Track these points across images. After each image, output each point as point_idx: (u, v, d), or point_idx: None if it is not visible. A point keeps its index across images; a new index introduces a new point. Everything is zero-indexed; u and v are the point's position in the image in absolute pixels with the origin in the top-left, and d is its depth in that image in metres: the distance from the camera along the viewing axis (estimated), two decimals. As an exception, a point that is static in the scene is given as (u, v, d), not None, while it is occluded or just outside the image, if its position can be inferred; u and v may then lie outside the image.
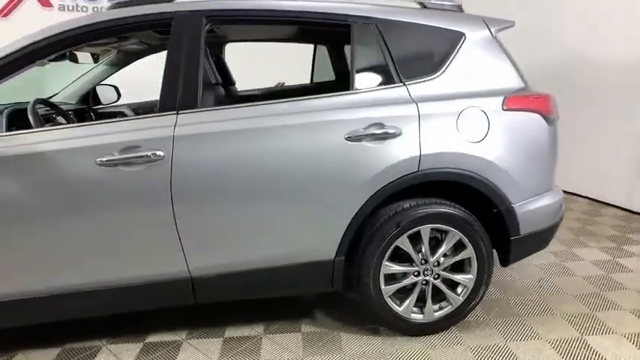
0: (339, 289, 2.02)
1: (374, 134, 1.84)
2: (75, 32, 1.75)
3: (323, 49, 3.15)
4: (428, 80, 1.97)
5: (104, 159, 1.67)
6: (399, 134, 1.87)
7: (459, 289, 2.09)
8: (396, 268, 2.01)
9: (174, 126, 1.74)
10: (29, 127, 1.96)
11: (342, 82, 2.57)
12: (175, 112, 1.76)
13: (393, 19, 2.00)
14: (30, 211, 1.68)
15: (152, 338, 2.16)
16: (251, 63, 3.69)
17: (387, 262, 1.98)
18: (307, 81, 3.41)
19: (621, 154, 3.70)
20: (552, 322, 2.21)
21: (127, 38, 2.47)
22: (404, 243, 1.98)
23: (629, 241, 3.18)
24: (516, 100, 2.01)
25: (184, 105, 1.77)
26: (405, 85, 1.94)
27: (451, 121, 1.92)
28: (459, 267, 2.08)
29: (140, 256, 1.80)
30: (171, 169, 1.72)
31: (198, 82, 1.80)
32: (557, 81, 3.89)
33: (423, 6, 2.16)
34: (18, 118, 2.03)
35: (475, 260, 2.04)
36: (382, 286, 2.01)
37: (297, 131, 1.81)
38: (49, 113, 2.31)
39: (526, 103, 2.02)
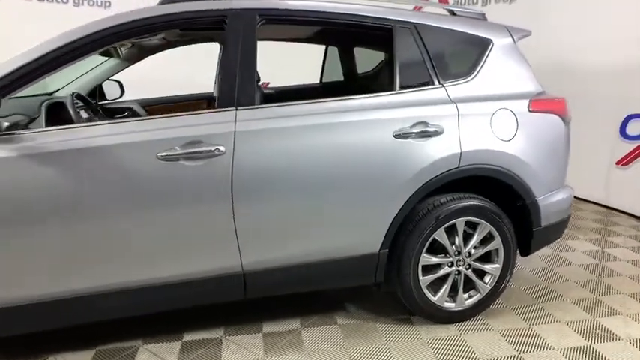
0: (380, 280, 2.10)
1: (419, 132, 1.95)
2: (127, 26, 1.73)
3: (334, 51, 3.24)
4: (463, 83, 2.11)
5: (165, 153, 1.66)
6: (440, 132, 1.99)
7: (487, 278, 2.23)
8: (433, 259, 2.12)
9: (235, 122, 1.76)
10: (65, 120, 1.90)
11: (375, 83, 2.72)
12: (234, 108, 1.78)
13: (430, 24, 2.12)
14: (84, 207, 1.63)
15: (189, 337, 2.14)
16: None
17: (425, 254, 2.10)
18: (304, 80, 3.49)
19: (599, 155, 4.05)
20: (565, 307, 2.41)
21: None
22: (441, 235, 2.10)
23: (611, 234, 3.49)
24: (540, 102, 2.19)
25: (243, 101, 1.79)
26: (443, 86, 2.07)
27: (486, 120, 2.07)
28: (487, 257, 2.23)
29: (196, 251, 1.80)
30: (232, 165, 1.73)
31: (255, 79, 1.83)
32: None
33: (452, 13, 2.30)
34: (52, 112, 1.95)
35: (502, 250, 2.20)
36: (420, 277, 2.11)
37: (349, 128, 1.89)
38: (81, 107, 2.23)
39: (548, 105, 2.21)
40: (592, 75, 3.97)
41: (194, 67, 3.93)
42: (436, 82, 2.06)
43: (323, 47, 3.33)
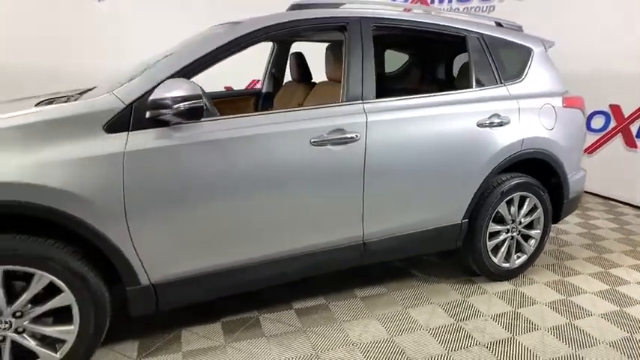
0: (459, 245, 2.53)
1: (494, 122, 2.40)
2: (278, 27, 1.97)
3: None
4: (517, 83, 2.59)
5: (317, 139, 1.94)
6: (507, 123, 2.45)
7: (531, 242, 2.75)
8: (497, 227, 2.59)
9: (365, 113, 2.07)
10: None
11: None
12: (361, 101, 2.10)
13: (491, 34, 2.58)
14: (250, 188, 1.85)
15: (297, 305, 2.40)
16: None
17: (491, 223, 2.56)
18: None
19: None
20: (581, 263, 3.01)
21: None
22: (503, 207, 2.57)
23: (587, 209, 4.24)
24: (570, 99, 2.75)
25: (367, 95, 2.11)
26: (505, 85, 2.54)
27: (536, 113, 2.57)
28: (530, 225, 2.74)
29: (334, 223, 2.09)
30: (365, 149, 2.05)
31: (374, 76, 2.15)
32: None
33: (499, 24, 2.78)
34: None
35: (542, 219, 2.73)
36: (487, 242, 2.57)
37: (446, 119, 2.28)
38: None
39: (575, 102, 2.78)
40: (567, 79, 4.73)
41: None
42: (500, 82, 2.53)
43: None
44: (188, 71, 1.78)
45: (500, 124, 2.42)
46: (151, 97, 1.62)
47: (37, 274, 1.57)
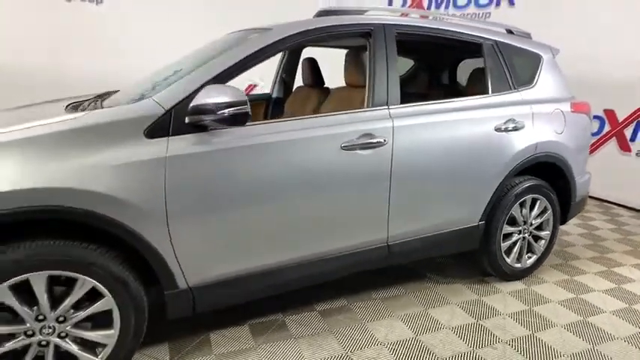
0: (476, 246, 2.60)
1: (510, 127, 2.48)
2: (308, 33, 2.02)
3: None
4: (529, 88, 2.68)
5: (346, 144, 1.98)
6: (522, 127, 2.54)
7: (541, 243, 2.84)
8: (510, 229, 2.67)
9: (391, 118, 2.12)
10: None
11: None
12: (387, 107, 2.15)
13: (505, 41, 2.67)
14: (284, 192, 1.89)
15: (320, 307, 2.44)
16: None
17: (505, 225, 2.64)
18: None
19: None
20: (586, 263, 3.12)
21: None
22: (516, 209, 2.65)
23: (588, 216, 4.36)
24: (577, 105, 2.86)
25: (392, 101, 2.17)
26: (518, 91, 2.63)
27: (547, 118, 2.67)
28: (539, 227, 2.83)
29: (361, 226, 2.14)
30: (392, 153, 2.10)
31: (398, 82, 2.21)
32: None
33: (510, 32, 2.88)
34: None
35: (552, 220, 2.83)
36: (501, 243, 2.65)
37: (466, 124, 2.35)
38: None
39: (582, 107, 2.89)
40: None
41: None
42: (513, 88, 2.61)
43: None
44: (223, 77, 1.81)
45: (516, 129, 2.51)
46: (193, 103, 1.65)
47: (80, 279, 1.58)
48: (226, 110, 1.62)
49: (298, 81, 3.39)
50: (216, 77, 1.78)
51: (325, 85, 3.15)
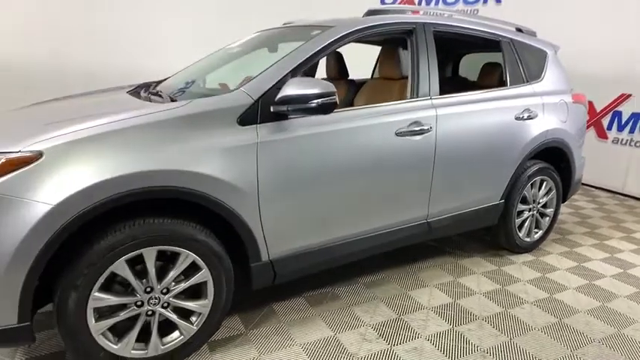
0: (495, 223, 2.92)
1: (525, 116, 2.80)
2: (365, 30, 2.23)
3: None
4: (539, 82, 3.01)
5: (400, 130, 2.22)
6: (535, 116, 2.86)
7: (546, 219, 3.21)
8: (522, 207, 3.01)
9: (434, 107, 2.38)
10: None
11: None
12: (429, 97, 2.40)
13: (518, 39, 2.98)
14: (351, 174, 2.11)
15: (365, 279, 2.68)
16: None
17: (519, 204, 2.97)
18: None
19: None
20: (582, 238, 3.53)
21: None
22: (527, 189, 2.99)
23: (572, 197, 4.83)
24: (577, 96, 3.23)
25: (434, 92, 2.42)
26: (530, 84, 2.95)
27: (554, 108, 3.01)
28: (544, 205, 3.20)
29: (409, 205, 2.40)
30: (435, 139, 2.36)
31: (437, 75, 2.46)
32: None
33: (519, 30, 3.19)
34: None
35: (555, 198, 3.19)
36: (515, 220, 2.99)
37: (492, 113, 2.65)
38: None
39: (580, 98, 3.26)
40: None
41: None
42: (526, 81, 2.93)
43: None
44: (297, 70, 1.99)
45: (530, 118, 2.83)
46: (281, 94, 1.83)
47: (183, 254, 1.74)
48: (316, 100, 1.81)
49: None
50: (292, 71, 1.97)
51: (350, 78, 3.37)
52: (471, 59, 4.00)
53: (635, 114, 4.68)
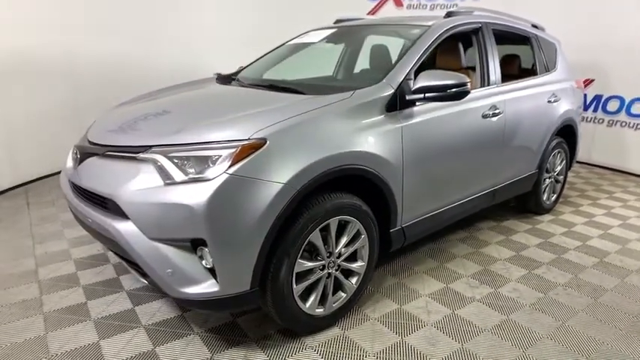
0: (530, 189, 3.50)
1: (552, 100, 3.39)
2: (456, 28, 2.65)
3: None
4: (555, 71, 3.63)
5: (484, 113, 2.68)
6: (558, 100, 3.47)
7: (558, 185, 3.87)
8: (545, 175, 3.63)
9: (502, 93, 2.86)
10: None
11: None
12: (496, 85, 2.87)
13: (539, 35, 3.56)
14: (459, 148, 2.55)
15: (427, 247, 3.13)
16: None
17: (546, 173, 3.59)
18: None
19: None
20: (582, 198, 4.26)
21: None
22: (550, 161, 3.61)
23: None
24: (578, 82, 3.90)
25: (498, 80, 2.89)
26: (550, 72, 3.55)
27: (567, 92, 3.65)
28: (558, 173, 3.85)
29: (487, 176, 2.88)
30: (505, 120, 2.85)
31: (499, 65, 2.94)
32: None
33: (534, 26, 3.78)
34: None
35: (566, 168, 3.87)
36: (542, 186, 3.60)
37: (530, 99, 3.19)
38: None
39: (580, 84, 3.94)
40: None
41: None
42: (548, 70, 3.53)
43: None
44: (415, 64, 2.35)
45: (556, 101, 3.43)
46: (418, 84, 2.18)
47: (352, 223, 2.06)
48: (453, 90, 2.18)
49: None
50: (414, 64, 2.33)
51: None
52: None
53: (598, 96, 5.56)
